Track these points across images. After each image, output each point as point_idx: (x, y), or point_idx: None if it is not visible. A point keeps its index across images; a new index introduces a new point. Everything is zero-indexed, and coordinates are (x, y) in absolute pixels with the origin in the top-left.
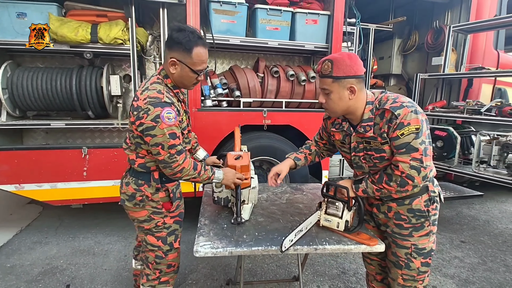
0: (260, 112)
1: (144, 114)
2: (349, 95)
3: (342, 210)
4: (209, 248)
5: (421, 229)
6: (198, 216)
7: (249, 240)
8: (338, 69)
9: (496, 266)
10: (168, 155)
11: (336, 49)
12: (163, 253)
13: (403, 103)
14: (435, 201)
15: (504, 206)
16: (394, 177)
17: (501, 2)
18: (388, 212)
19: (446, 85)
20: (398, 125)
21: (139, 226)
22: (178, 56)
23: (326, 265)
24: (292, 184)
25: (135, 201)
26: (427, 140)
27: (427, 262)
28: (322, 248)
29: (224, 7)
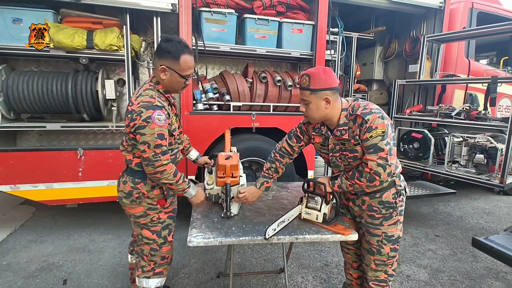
0: (249, 115)
1: (137, 116)
2: (325, 105)
3: (321, 204)
4: (201, 239)
5: (390, 219)
6: (189, 215)
7: (237, 231)
8: (314, 82)
9: (465, 257)
10: (153, 153)
11: (320, 56)
12: (157, 245)
13: (371, 109)
14: (402, 194)
15: (477, 203)
16: (364, 173)
17: (471, 15)
18: (362, 205)
19: (422, 90)
20: (367, 129)
21: (135, 221)
22: (168, 63)
23: (310, 258)
24: (278, 183)
25: (132, 198)
26: (392, 142)
27: (395, 248)
28: (302, 238)
29: (214, 16)
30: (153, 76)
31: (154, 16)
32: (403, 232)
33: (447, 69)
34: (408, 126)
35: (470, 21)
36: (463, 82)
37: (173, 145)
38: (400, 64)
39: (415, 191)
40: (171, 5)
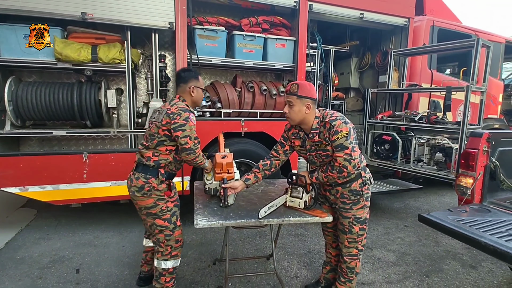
0: (239, 121)
1: (177, 116)
2: (305, 110)
3: (302, 193)
4: (206, 221)
5: (358, 204)
6: (183, 214)
7: (234, 216)
8: (301, 90)
9: (428, 242)
10: (193, 144)
11: (301, 68)
12: (170, 231)
13: (337, 117)
14: (367, 183)
15: (443, 199)
16: (335, 167)
17: (432, 32)
18: (336, 194)
19: (392, 98)
20: (334, 132)
21: (148, 213)
22: (195, 83)
23: (295, 247)
24: (266, 179)
25: (143, 191)
26: (354, 142)
27: (363, 227)
28: (287, 220)
29: (207, 33)
30: (179, 96)
31: (152, 33)
32: (377, 224)
33: (413, 79)
34: (380, 130)
35: (432, 37)
36: (425, 91)
37: None
38: (373, 74)
39: (387, 187)
40: (169, 23)
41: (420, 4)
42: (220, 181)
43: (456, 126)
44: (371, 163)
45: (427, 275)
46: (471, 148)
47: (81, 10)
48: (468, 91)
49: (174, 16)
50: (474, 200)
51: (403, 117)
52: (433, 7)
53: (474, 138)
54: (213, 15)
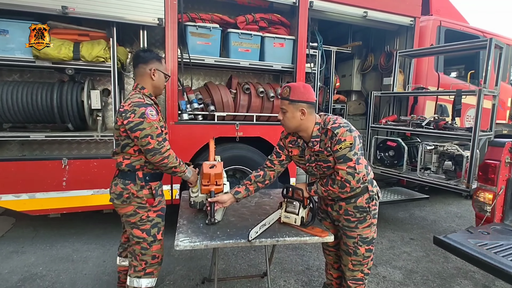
0: (233, 125)
1: (131, 114)
2: (300, 116)
3: (298, 208)
4: (187, 242)
5: (364, 222)
6: (173, 224)
7: (221, 235)
8: (294, 94)
9: (437, 258)
10: (157, 142)
11: (300, 69)
12: (147, 244)
13: (340, 124)
14: (374, 198)
15: (450, 208)
16: (336, 181)
17: (439, 32)
18: (339, 210)
19: (396, 101)
20: (337, 141)
21: (127, 221)
22: (155, 66)
23: (292, 262)
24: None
25: (122, 199)
26: (359, 152)
27: (370, 248)
28: (283, 240)
29: (200, 30)
30: (136, 84)
31: (140, 29)
32: (381, 236)
33: (418, 82)
34: (384, 135)
35: (439, 38)
36: (432, 94)
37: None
38: (376, 76)
39: (391, 196)
40: (158, 19)
41: (426, 3)
42: (207, 194)
43: (467, 133)
44: (374, 171)
45: None
46: (492, 159)
47: (61, 3)
48: (480, 95)
49: (164, 11)
50: (494, 218)
51: (409, 122)
52: (439, 7)
53: (495, 148)
54: (206, 11)
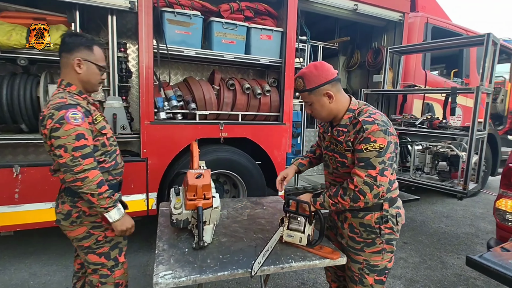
0: (217, 125)
1: (49, 120)
2: (328, 101)
3: (304, 225)
4: (170, 279)
5: (373, 246)
6: (149, 236)
7: (213, 264)
8: (309, 82)
9: (434, 264)
10: (71, 157)
11: (289, 64)
12: (108, 270)
13: (375, 119)
14: (390, 221)
15: (435, 207)
16: (348, 191)
17: (426, 29)
18: (344, 222)
19: (385, 100)
20: (364, 139)
21: (79, 245)
22: (82, 55)
23: (286, 277)
24: (251, 198)
25: (71, 219)
26: (388, 162)
27: (381, 280)
28: (288, 267)
29: (178, 17)
30: (61, 80)
31: (109, 14)
32: None
33: (407, 79)
34: None
35: (426, 35)
36: (427, 92)
37: (107, 147)
38: (363, 74)
39: None
40: (129, 2)
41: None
42: (193, 210)
43: (463, 132)
44: None
45: None
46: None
47: None
48: (478, 92)
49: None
50: None
51: (401, 121)
52: (425, 4)
53: None
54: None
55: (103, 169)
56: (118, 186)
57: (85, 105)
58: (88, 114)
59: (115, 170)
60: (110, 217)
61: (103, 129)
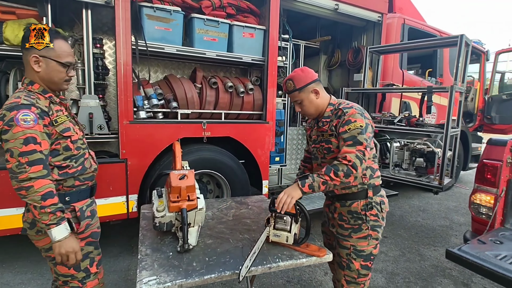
0: (200, 124)
1: (0, 121)
2: (315, 97)
3: (290, 224)
4: (155, 284)
5: (359, 231)
6: (130, 239)
7: (199, 267)
8: (298, 82)
9: (413, 257)
10: (17, 163)
11: (272, 62)
12: (79, 282)
13: (353, 106)
14: (375, 208)
15: (412, 202)
16: (341, 166)
17: (403, 30)
18: (334, 212)
19: (365, 98)
20: (346, 121)
21: (47, 256)
22: (40, 52)
23: (271, 276)
24: (236, 198)
25: (36, 228)
26: (370, 140)
27: (367, 265)
28: (276, 266)
29: (158, 13)
30: (24, 78)
31: (83, 8)
32: None
33: (386, 78)
34: None
35: (403, 35)
36: (404, 91)
37: (72, 150)
38: (343, 72)
39: None
40: None
41: (390, 1)
42: (177, 212)
43: (439, 129)
44: None
45: None
46: (492, 159)
47: None
48: (452, 91)
49: None
50: (495, 222)
51: (380, 119)
52: (402, 5)
53: (496, 147)
54: None
55: (66, 174)
56: (90, 192)
57: (43, 106)
58: (45, 115)
59: (83, 175)
60: (51, 236)
61: (66, 131)
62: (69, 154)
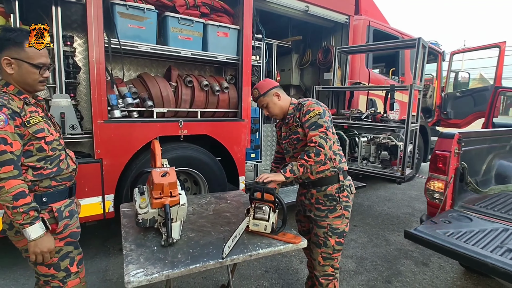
0: (176, 122)
1: None
2: (277, 99)
3: (269, 213)
4: (142, 276)
5: (334, 211)
6: (105, 240)
7: (184, 259)
8: (262, 89)
9: (379, 242)
10: None
11: (246, 61)
12: (59, 281)
13: (310, 99)
14: (346, 190)
15: (379, 193)
16: (311, 149)
17: (368, 31)
18: (311, 198)
19: (335, 96)
20: (306, 112)
21: (27, 256)
22: (11, 54)
23: (250, 267)
24: (215, 194)
25: (15, 229)
26: (329, 123)
27: (341, 241)
28: (256, 254)
29: (131, 11)
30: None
31: (52, 5)
32: None
33: (353, 77)
34: None
35: (368, 37)
36: (370, 89)
37: (46, 152)
38: (314, 71)
39: None
40: None
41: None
42: (160, 208)
43: (401, 125)
44: None
45: (388, 281)
46: (442, 150)
47: None
48: (411, 89)
49: None
50: (446, 205)
51: (349, 116)
52: (367, 8)
53: (445, 140)
54: None
55: (41, 175)
56: (69, 192)
57: (16, 107)
58: (16, 116)
59: (59, 176)
60: (26, 235)
61: (39, 132)
62: (43, 155)
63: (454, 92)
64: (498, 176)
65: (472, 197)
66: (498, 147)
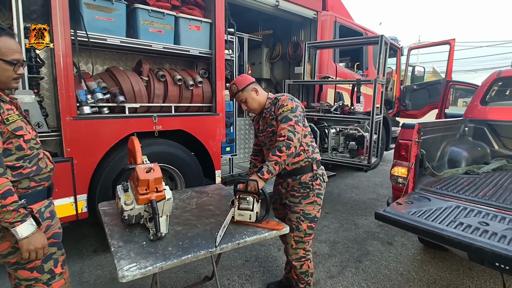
0: (150, 118)
1: None
2: (255, 94)
3: (253, 203)
4: (136, 269)
5: (307, 198)
6: (76, 243)
7: (175, 251)
8: (240, 84)
9: (349, 226)
10: None
11: (219, 55)
12: (44, 284)
13: (285, 94)
14: (319, 178)
15: (347, 181)
16: (281, 143)
17: (335, 27)
18: (287, 187)
19: (305, 89)
20: (280, 106)
21: (5, 262)
22: None
23: (230, 257)
24: (195, 188)
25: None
26: (300, 118)
27: (312, 226)
28: (243, 242)
29: (98, 2)
30: None
31: None
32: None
33: (322, 71)
34: None
35: (335, 32)
36: (338, 83)
37: (25, 150)
38: (284, 65)
39: None
40: None
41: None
42: (146, 204)
43: (367, 116)
44: None
45: (359, 261)
46: (405, 139)
47: None
48: (375, 83)
49: None
50: (408, 188)
51: (319, 109)
52: (333, 4)
53: (407, 130)
54: None
55: (21, 175)
56: (47, 193)
57: None
58: None
59: (38, 175)
60: (17, 234)
61: (18, 130)
62: (22, 154)
63: (412, 85)
64: (450, 161)
65: (429, 180)
66: (450, 135)
